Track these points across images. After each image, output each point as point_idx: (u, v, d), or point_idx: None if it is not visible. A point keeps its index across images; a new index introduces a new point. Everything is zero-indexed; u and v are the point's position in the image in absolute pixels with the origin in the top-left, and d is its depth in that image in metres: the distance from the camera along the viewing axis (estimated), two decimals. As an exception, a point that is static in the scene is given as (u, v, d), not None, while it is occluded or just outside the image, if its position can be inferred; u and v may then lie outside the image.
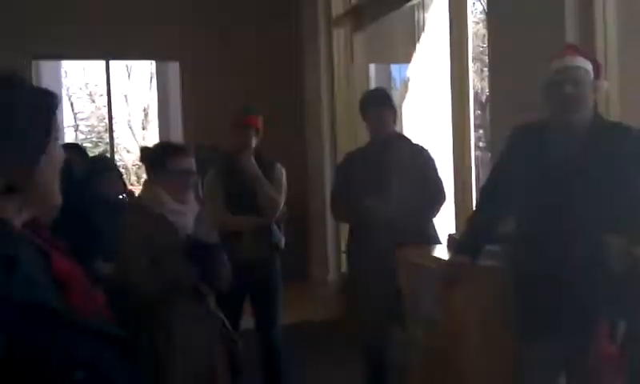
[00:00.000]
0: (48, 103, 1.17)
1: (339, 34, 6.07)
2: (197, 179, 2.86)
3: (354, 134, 5.90)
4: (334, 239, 6.11)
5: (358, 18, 5.74)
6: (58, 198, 1.20)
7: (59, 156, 1.20)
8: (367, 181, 3.55)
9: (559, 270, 2.43)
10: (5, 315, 0.98)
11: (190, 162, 2.79)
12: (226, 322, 2.82)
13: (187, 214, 2.74)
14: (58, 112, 1.20)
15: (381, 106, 3.62)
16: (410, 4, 5.20)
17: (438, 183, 3.64)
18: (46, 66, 9.07)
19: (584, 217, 2.40)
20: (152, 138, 16.22)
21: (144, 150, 2.93)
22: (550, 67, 2.48)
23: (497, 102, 3.70)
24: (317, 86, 6.29)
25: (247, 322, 3.82)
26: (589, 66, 2.46)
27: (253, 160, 3.69)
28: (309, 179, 6.66)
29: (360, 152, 3.90)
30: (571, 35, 3.01)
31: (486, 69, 11.44)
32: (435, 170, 3.69)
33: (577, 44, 2.93)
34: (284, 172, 3.83)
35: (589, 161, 2.45)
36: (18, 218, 1.13)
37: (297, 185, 6.42)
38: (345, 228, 4.75)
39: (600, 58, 2.98)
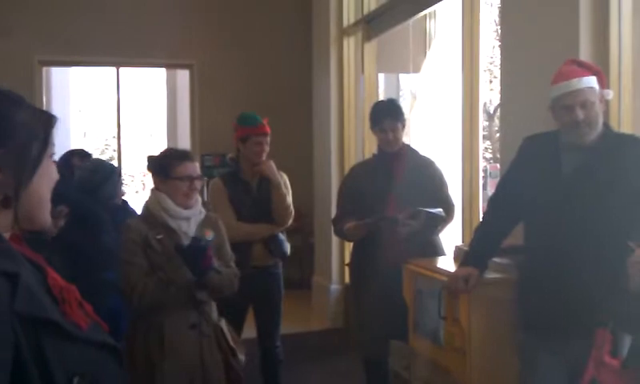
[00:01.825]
0: (44, 121, 1.20)
1: (350, 44, 6.05)
2: (201, 185, 2.85)
3: (362, 144, 5.87)
4: (338, 249, 6.07)
5: (368, 27, 5.72)
6: (48, 215, 1.23)
7: (53, 173, 1.23)
8: (376, 195, 3.49)
9: (568, 283, 2.40)
10: (11, 329, 1.01)
11: (195, 168, 2.80)
12: (226, 331, 2.78)
13: (190, 219, 2.75)
14: (54, 130, 1.23)
15: (392, 118, 3.53)
16: (420, 14, 5.17)
17: (447, 199, 3.59)
18: (55, 72, 9.08)
19: (594, 229, 2.37)
20: (161, 146, 16.25)
21: (150, 158, 2.93)
22: (558, 88, 2.44)
23: (507, 113, 3.65)
24: (326, 95, 6.27)
25: (248, 330, 3.78)
26: (594, 82, 2.43)
27: (274, 166, 3.67)
28: (315, 188, 6.63)
29: (367, 165, 3.84)
30: (585, 49, 2.96)
31: (494, 79, 11.44)
32: (444, 184, 3.64)
33: (591, 57, 2.90)
34: (288, 180, 3.81)
35: (599, 173, 2.42)
36: (7, 233, 1.16)
37: (303, 194, 6.42)
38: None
39: (614, 69, 2.94)
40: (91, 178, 3.62)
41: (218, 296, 2.79)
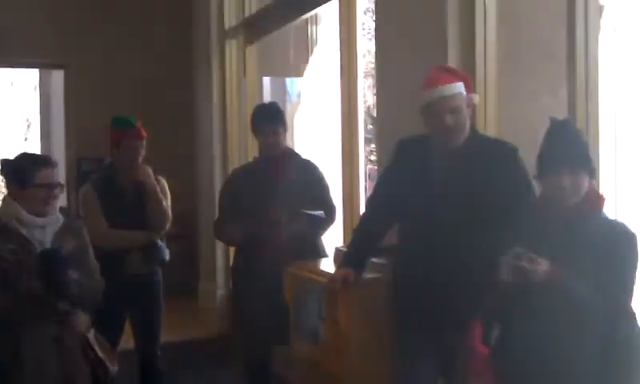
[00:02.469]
0: None
1: (231, 46, 5.99)
2: (60, 192, 2.71)
3: (246, 148, 5.83)
4: (223, 254, 5.99)
5: (250, 30, 5.69)
6: None
7: None
8: (257, 199, 3.47)
9: (440, 284, 2.48)
10: None
11: (52, 174, 2.66)
12: (93, 342, 2.66)
13: (46, 227, 2.62)
14: None
15: (273, 121, 3.53)
16: (302, 18, 5.21)
17: (328, 201, 3.63)
18: None
19: (464, 231, 2.46)
20: (34, 150, 15.38)
21: (4, 163, 2.74)
22: (428, 94, 2.52)
23: (383, 117, 3.75)
24: (209, 98, 6.18)
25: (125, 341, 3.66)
26: (462, 88, 2.53)
27: (150, 171, 3.56)
28: (199, 193, 6.53)
29: (248, 168, 3.82)
30: (453, 55, 3.09)
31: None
32: (326, 186, 3.67)
33: (458, 63, 3.03)
34: (167, 184, 3.71)
35: (468, 175, 2.52)
36: None
37: (186, 199, 6.29)
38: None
39: (479, 75, 3.08)
40: None
41: (80, 308, 2.66)
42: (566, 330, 2.09)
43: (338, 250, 3.30)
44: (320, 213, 3.48)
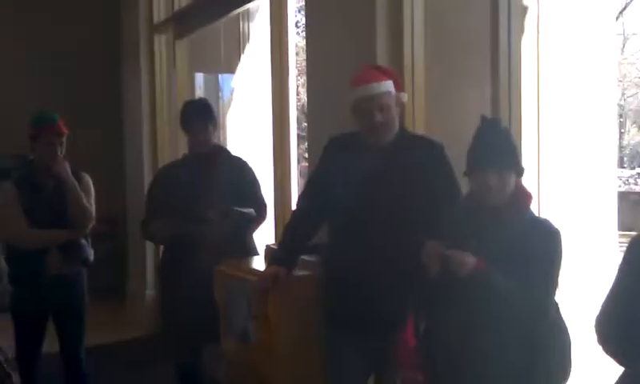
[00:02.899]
0: None
1: (161, 41, 5.88)
2: None
3: (176, 145, 5.73)
4: (152, 254, 5.88)
5: (180, 25, 5.59)
6: None
7: None
8: (186, 196, 3.40)
9: (369, 281, 2.50)
10: None
11: None
12: None
13: None
14: None
15: (202, 118, 3.48)
16: (232, 14, 5.16)
17: (259, 199, 3.60)
18: None
19: (393, 228, 2.49)
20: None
21: None
22: (358, 92, 2.53)
23: (314, 114, 3.76)
24: (137, 94, 6.05)
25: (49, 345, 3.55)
26: (391, 86, 2.56)
27: (68, 168, 3.44)
28: (128, 190, 6.38)
29: (177, 165, 3.75)
30: (382, 54, 3.11)
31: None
32: (257, 183, 3.64)
33: (387, 62, 3.06)
34: (91, 182, 3.60)
35: (396, 173, 2.55)
36: None
37: (115, 197, 6.15)
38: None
39: (408, 74, 3.12)
40: None
41: None
42: (486, 321, 2.13)
43: (268, 248, 3.28)
44: (251, 210, 3.46)
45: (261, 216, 3.59)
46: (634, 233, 1.94)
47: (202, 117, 3.49)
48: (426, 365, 2.26)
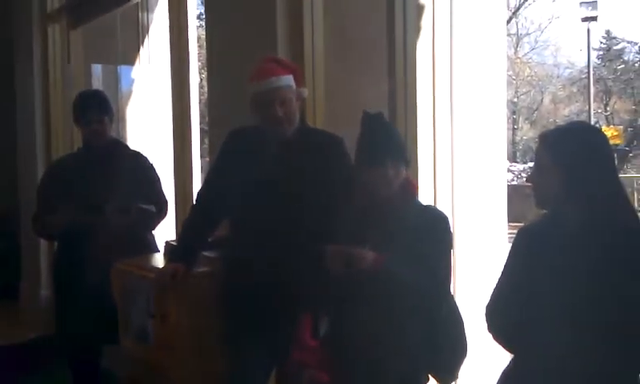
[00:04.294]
0: None
1: (55, 31, 5.62)
2: None
3: (72, 138, 5.51)
4: (47, 252, 5.64)
5: (74, 14, 5.36)
6: None
7: None
8: (80, 192, 3.28)
9: (267, 272, 2.50)
10: None
11: None
12: None
13: None
14: None
15: (97, 110, 3.37)
16: (130, 3, 5.01)
17: (159, 195, 3.52)
18: None
19: (294, 222, 2.49)
20: None
21: None
22: (258, 85, 2.52)
23: (214, 107, 3.72)
24: (30, 85, 5.77)
25: None
26: (292, 80, 2.56)
27: None
28: (20, 186, 6.08)
29: (71, 159, 3.61)
30: (282, 47, 3.12)
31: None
32: (156, 179, 3.56)
33: (288, 55, 3.06)
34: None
35: (297, 167, 2.56)
36: None
37: (7, 194, 5.85)
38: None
39: (308, 68, 3.14)
40: None
41: None
42: (391, 315, 2.18)
43: (168, 244, 3.22)
44: (151, 207, 3.38)
45: (161, 212, 3.52)
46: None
47: (97, 109, 3.38)
48: (332, 364, 2.28)
